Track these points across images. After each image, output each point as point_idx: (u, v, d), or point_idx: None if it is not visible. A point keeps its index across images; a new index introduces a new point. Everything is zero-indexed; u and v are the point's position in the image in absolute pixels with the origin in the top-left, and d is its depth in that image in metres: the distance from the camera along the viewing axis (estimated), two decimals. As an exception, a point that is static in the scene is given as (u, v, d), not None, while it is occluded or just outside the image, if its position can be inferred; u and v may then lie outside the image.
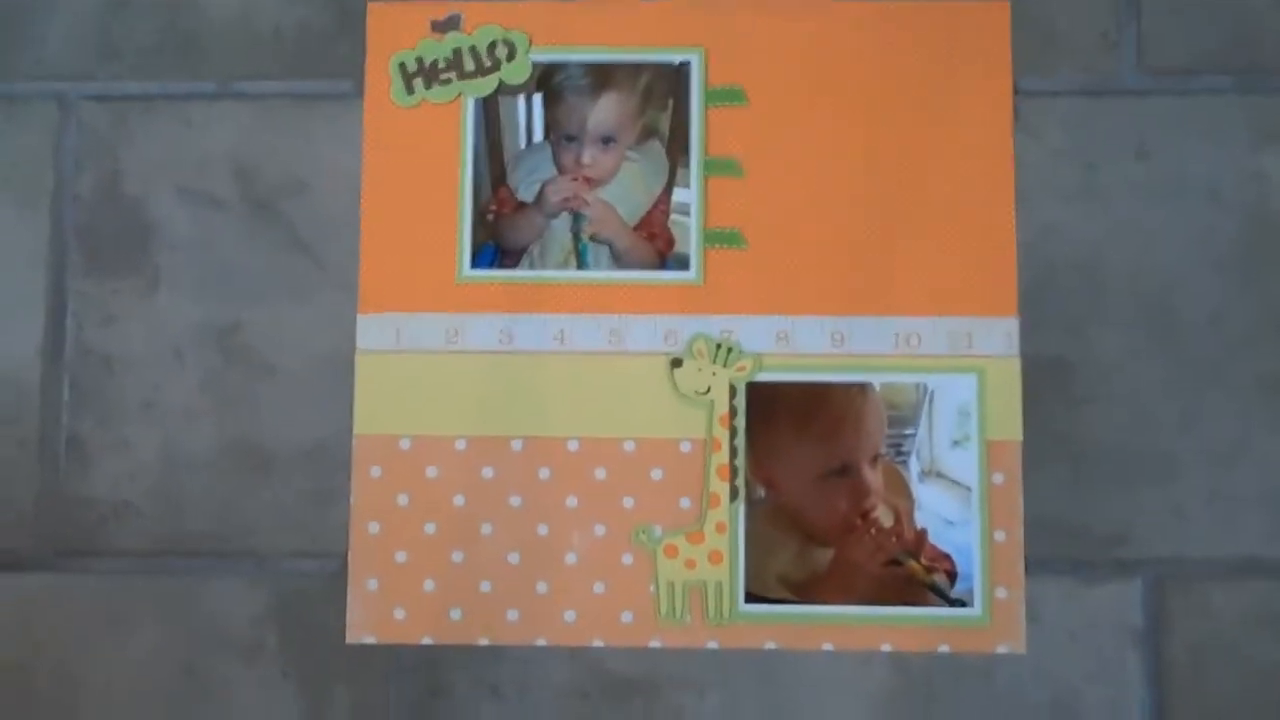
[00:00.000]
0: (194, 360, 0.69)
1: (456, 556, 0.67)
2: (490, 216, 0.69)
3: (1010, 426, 0.67)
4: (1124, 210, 0.69)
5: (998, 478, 0.67)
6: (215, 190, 0.71)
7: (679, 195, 0.69)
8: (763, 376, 0.68)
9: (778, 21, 0.70)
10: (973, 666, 0.67)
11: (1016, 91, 0.70)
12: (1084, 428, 0.68)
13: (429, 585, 0.67)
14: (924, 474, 0.67)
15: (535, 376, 0.68)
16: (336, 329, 0.69)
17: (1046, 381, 0.68)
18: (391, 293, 0.68)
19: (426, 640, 0.67)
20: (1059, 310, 0.69)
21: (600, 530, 0.67)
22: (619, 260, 0.69)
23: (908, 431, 0.67)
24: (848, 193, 0.69)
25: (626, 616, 0.67)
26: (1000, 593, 0.66)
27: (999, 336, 0.68)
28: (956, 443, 0.67)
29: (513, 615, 0.67)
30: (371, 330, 0.68)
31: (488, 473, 0.68)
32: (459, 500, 0.67)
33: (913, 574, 0.67)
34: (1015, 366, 0.68)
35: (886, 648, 0.67)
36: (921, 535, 0.67)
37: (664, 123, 0.70)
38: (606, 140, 0.70)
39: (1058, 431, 0.68)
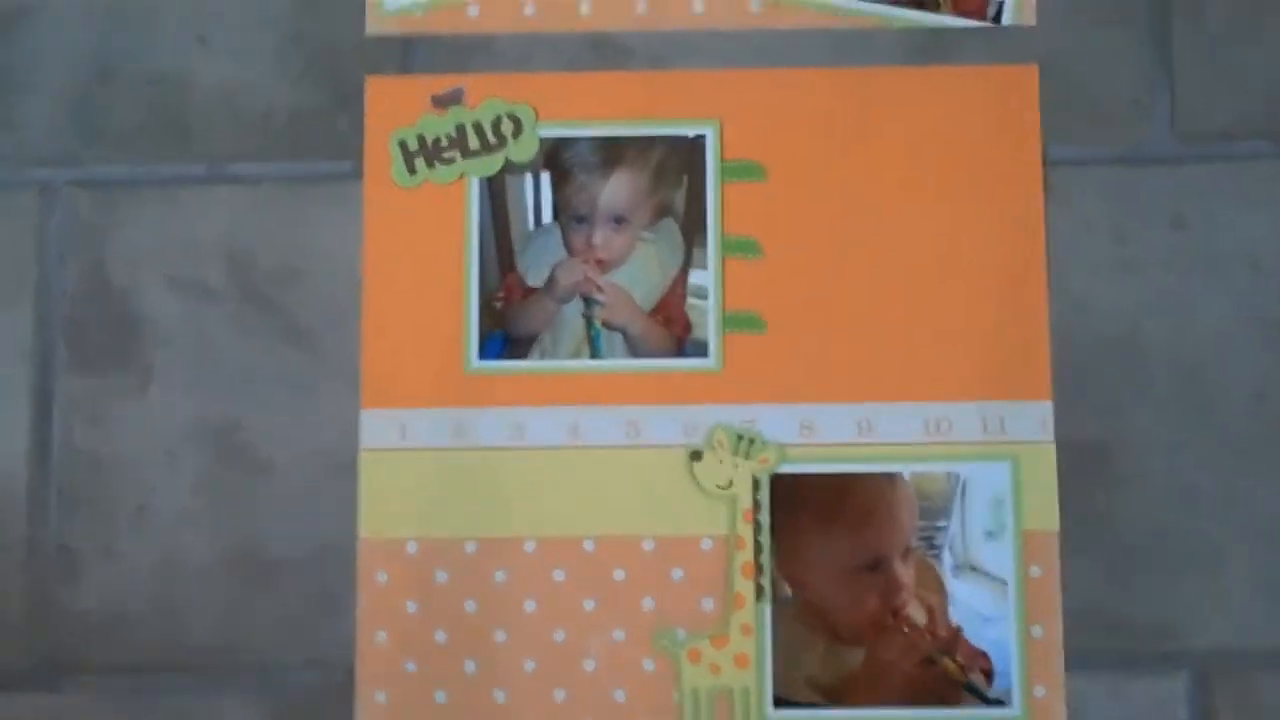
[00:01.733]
0: (188, 460, 0.66)
1: (469, 666, 0.64)
2: (498, 304, 0.66)
3: (1046, 516, 0.64)
4: (1161, 282, 0.67)
5: (1035, 570, 0.64)
6: (207, 279, 0.67)
7: (695, 277, 0.66)
8: (786, 468, 0.65)
9: (797, 92, 0.67)
10: (1013, 769, 0.64)
11: (1046, 161, 0.67)
12: (1124, 514, 0.65)
13: (440, 697, 0.64)
14: (958, 568, 0.64)
15: (548, 472, 0.65)
16: (338, 425, 0.66)
17: (1084, 466, 0.65)
18: (396, 386, 0.65)
19: (439, 755, 0.64)
20: (1095, 390, 0.66)
21: (620, 635, 0.64)
22: (634, 347, 0.66)
23: (940, 524, 0.65)
24: (872, 272, 0.66)
25: (649, 725, 0.64)
26: (1039, 691, 0.63)
27: (1033, 421, 0.65)
28: (991, 534, 0.64)
29: (529, 726, 0.64)
30: (375, 426, 0.65)
31: (500, 577, 0.65)
32: (470, 606, 0.64)
33: (948, 673, 0.64)
34: (1050, 453, 0.65)
35: (922, 751, 0.64)
36: (956, 632, 0.64)
37: (679, 200, 0.67)
38: (618, 220, 0.67)
39: (1096, 518, 0.65)
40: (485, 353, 0.66)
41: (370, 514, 0.65)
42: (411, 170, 0.67)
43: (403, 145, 0.67)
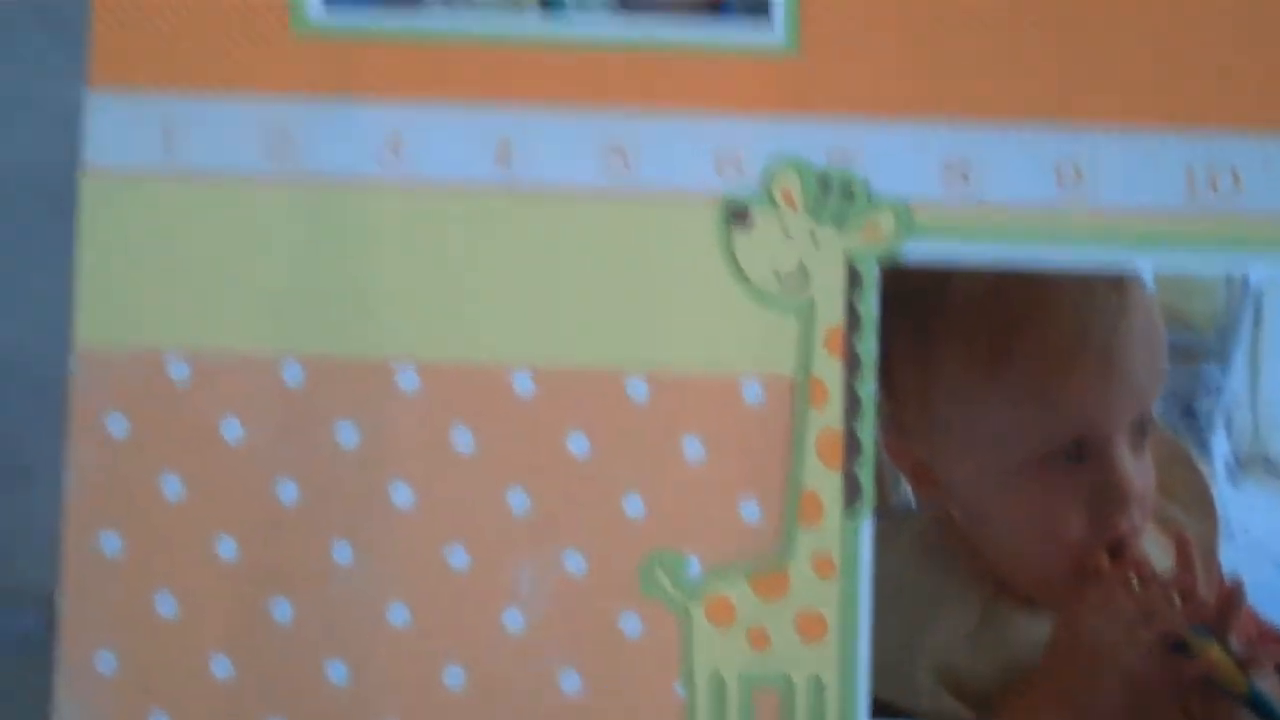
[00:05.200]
0: None
1: (280, 609, 0.35)
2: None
3: None
4: None
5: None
6: None
7: None
8: (915, 249, 0.36)
9: None
10: None
11: None
12: None
13: (222, 667, 0.35)
14: (1242, 464, 0.38)
15: (446, 236, 0.35)
16: (46, 121, 0.36)
17: None
18: (157, 51, 0.36)
19: (210, 776, 0.35)
20: None
21: (575, 564, 0.35)
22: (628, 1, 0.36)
23: (1207, 371, 0.38)
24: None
25: (625, 742, 0.35)
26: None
27: None
28: (1312, 399, 0.37)
29: (390, 728, 0.35)
30: (115, 126, 0.36)
31: (347, 437, 0.35)
32: (287, 491, 0.36)
33: (1213, 670, 0.35)
34: None
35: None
36: (1233, 594, 0.36)
37: None
38: None
39: None
40: (336, -1, 0.36)
41: (97, 300, 0.36)
42: None
43: None
